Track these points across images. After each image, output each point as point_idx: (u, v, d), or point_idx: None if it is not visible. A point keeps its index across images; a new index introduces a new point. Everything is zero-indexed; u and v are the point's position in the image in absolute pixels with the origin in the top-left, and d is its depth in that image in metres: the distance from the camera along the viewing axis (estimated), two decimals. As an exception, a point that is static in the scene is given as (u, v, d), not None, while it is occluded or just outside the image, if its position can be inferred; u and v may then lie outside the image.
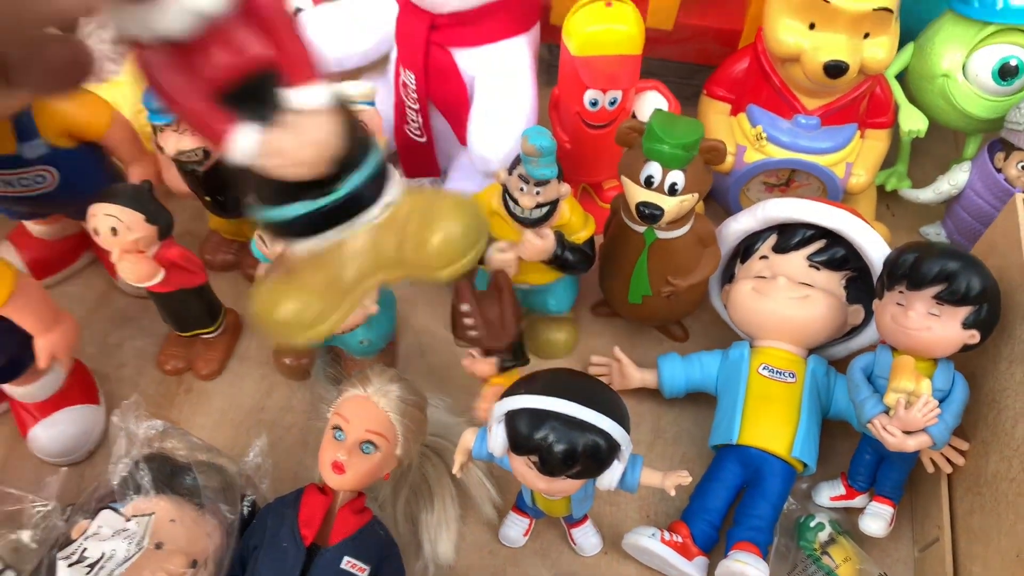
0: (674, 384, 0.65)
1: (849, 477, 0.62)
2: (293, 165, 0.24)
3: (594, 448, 0.47)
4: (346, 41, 0.72)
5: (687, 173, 0.56)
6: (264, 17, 0.24)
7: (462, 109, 0.69)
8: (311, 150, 0.23)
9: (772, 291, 0.62)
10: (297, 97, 0.24)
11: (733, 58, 0.73)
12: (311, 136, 0.23)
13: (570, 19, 0.64)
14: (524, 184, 0.57)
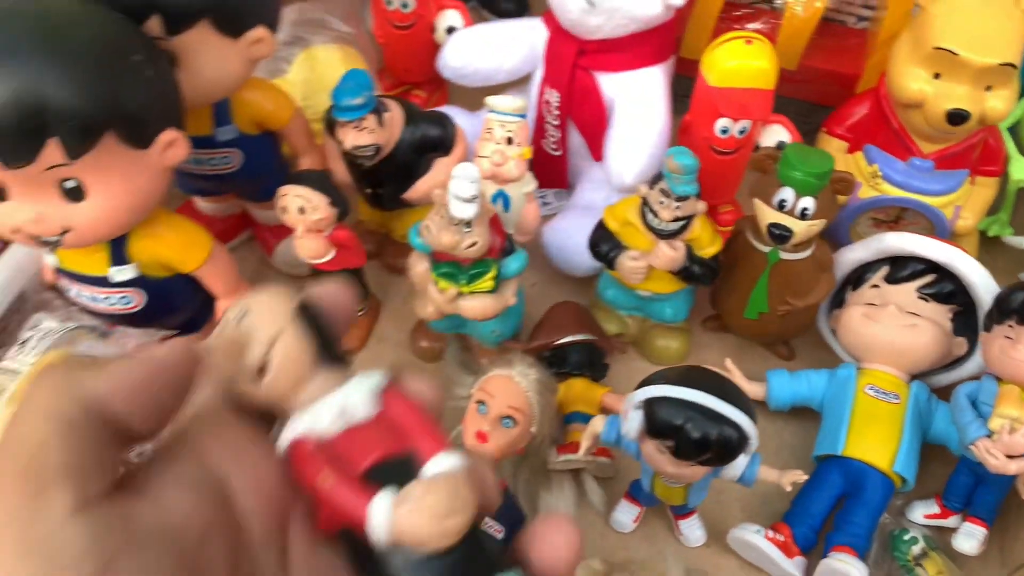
0: (781, 398, 0.70)
1: (944, 497, 0.65)
2: (426, 532, 0.22)
3: (727, 439, 0.52)
4: (495, 59, 0.78)
5: (818, 200, 0.61)
6: (401, 415, 0.25)
7: (599, 128, 0.75)
8: (439, 510, 0.22)
9: (882, 317, 0.67)
10: (432, 468, 0.23)
11: (854, 100, 0.78)
12: (433, 500, 0.22)
13: (711, 52, 0.69)
14: (664, 198, 0.63)
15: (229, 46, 0.59)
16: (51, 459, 0.19)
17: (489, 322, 0.69)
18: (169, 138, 0.53)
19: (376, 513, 0.22)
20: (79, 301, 0.61)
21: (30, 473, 0.19)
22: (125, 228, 0.55)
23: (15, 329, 0.69)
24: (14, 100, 0.46)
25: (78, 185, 0.51)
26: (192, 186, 0.74)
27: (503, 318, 0.69)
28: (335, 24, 0.83)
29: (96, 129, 0.49)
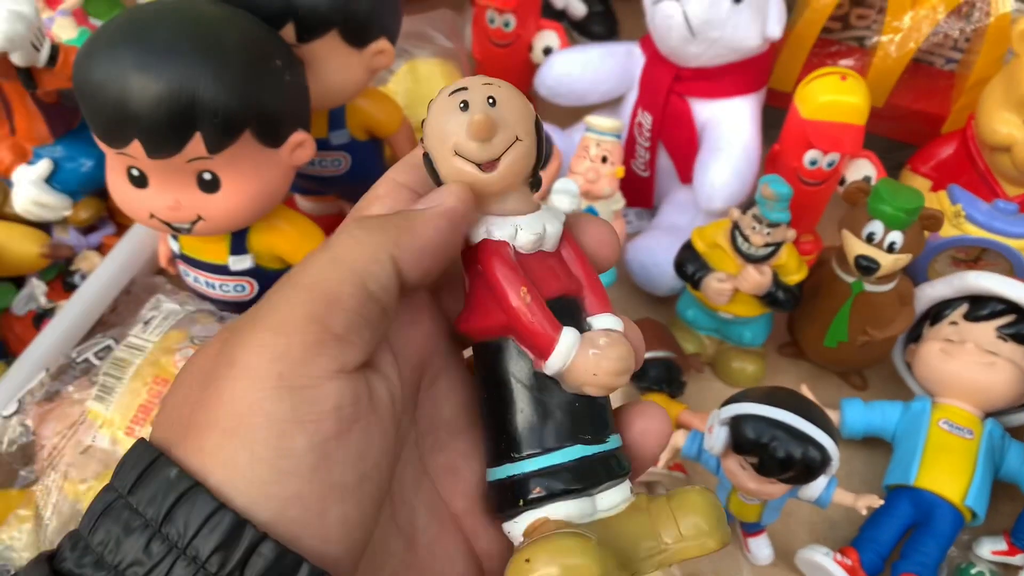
0: (855, 426, 0.71)
1: (1013, 535, 0.66)
2: (603, 380, 0.24)
3: (811, 459, 0.54)
4: (591, 81, 0.81)
5: (906, 235, 0.63)
6: (574, 260, 0.27)
7: (690, 152, 0.77)
8: (619, 365, 0.24)
9: (960, 354, 0.68)
10: (600, 322, 0.26)
11: (940, 140, 0.80)
12: (617, 353, 0.24)
13: (806, 86, 0.72)
14: (756, 224, 0.65)
15: (353, 56, 0.63)
16: (337, 318, 0.21)
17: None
18: (299, 139, 0.57)
19: (563, 344, 0.24)
20: (196, 287, 0.64)
21: (314, 323, 0.21)
22: (251, 220, 0.58)
23: (123, 311, 0.74)
24: (169, 94, 0.50)
25: (215, 177, 0.55)
26: (297, 185, 0.78)
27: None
28: (438, 39, 0.87)
29: (237, 126, 0.53)
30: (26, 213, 0.71)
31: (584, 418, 0.25)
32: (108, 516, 0.20)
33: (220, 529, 0.19)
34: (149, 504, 0.20)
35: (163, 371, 0.57)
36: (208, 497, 0.19)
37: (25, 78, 0.66)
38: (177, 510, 0.19)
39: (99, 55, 0.51)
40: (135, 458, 0.21)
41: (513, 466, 0.25)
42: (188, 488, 0.20)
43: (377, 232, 0.23)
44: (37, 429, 0.58)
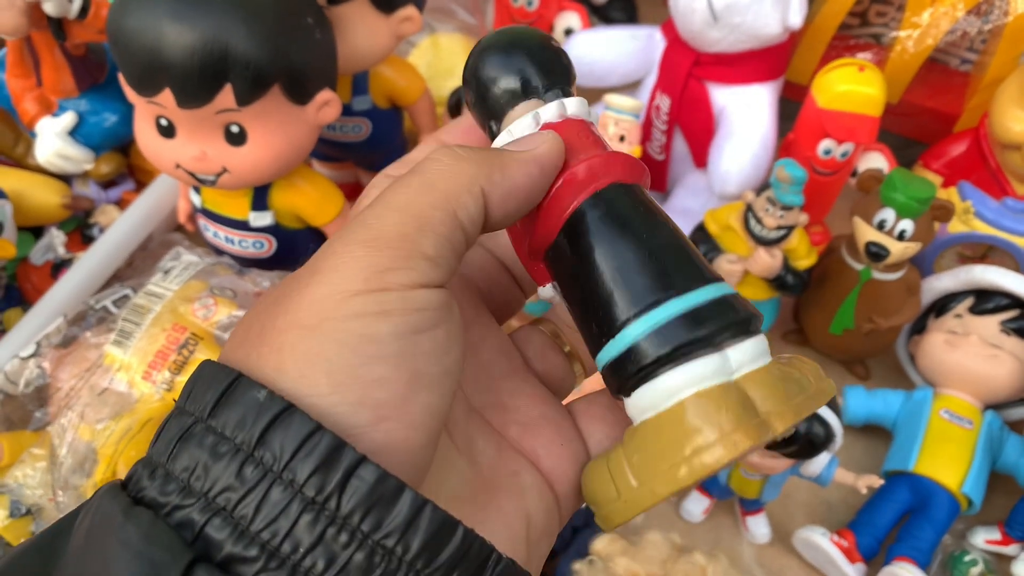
0: (857, 413, 0.72)
1: (1007, 525, 0.67)
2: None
3: (815, 434, 0.55)
4: (611, 62, 0.82)
5: (917, 224, 0.64)
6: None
7: (706, 136, 0.78)
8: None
9: (963, 345, 0.69)
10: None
11: (953, 138, 0.81)
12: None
13: (824, 76, 0.72)
14: (770, 206, 0.66)
15: (381, 21, 0.64)
16: (428, 239, 0.21)
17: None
18: (325, 98, 0.58)
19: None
20: (215, 242, 0.65)
21: (404, 241, 0.21)
22: (275, 176, 0.59)
23: (140, 265, 0.75)
24: (202, 45, 0.51)
25: (242, 130, 0.56)
26: (317, 150, 0.78)
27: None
28: (461, 14, 0.88)
29: (267, 80, 0.54)
30: (48, 165, 0.72)
31: (693, 257, 0.24)
32: (189, 441, 0.19)
33: (318, 451, 0.18)
34: (237, 427, 0.19)
35: (181, 319, 0.58)
36: (305, 418, 0.19)
37: (56, 29, 0.67)
38: (271, 433, 0.19)
39: (135, 3, 0.52)
40: (208, 379, 0.20)
41: (627, 331, 0.23)
42: (282, 410, 0.19)
43: (472, 163, 0.23)
44: (53, 372, 0.59)
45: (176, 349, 0.56)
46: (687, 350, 0.22)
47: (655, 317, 0.22)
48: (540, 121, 0.25)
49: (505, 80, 0.26)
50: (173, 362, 0.56)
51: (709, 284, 0.23)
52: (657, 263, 0.23)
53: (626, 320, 0.23)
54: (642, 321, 0.22)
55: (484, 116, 0.26)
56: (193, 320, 0.58)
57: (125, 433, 0.55)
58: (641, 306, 0.23)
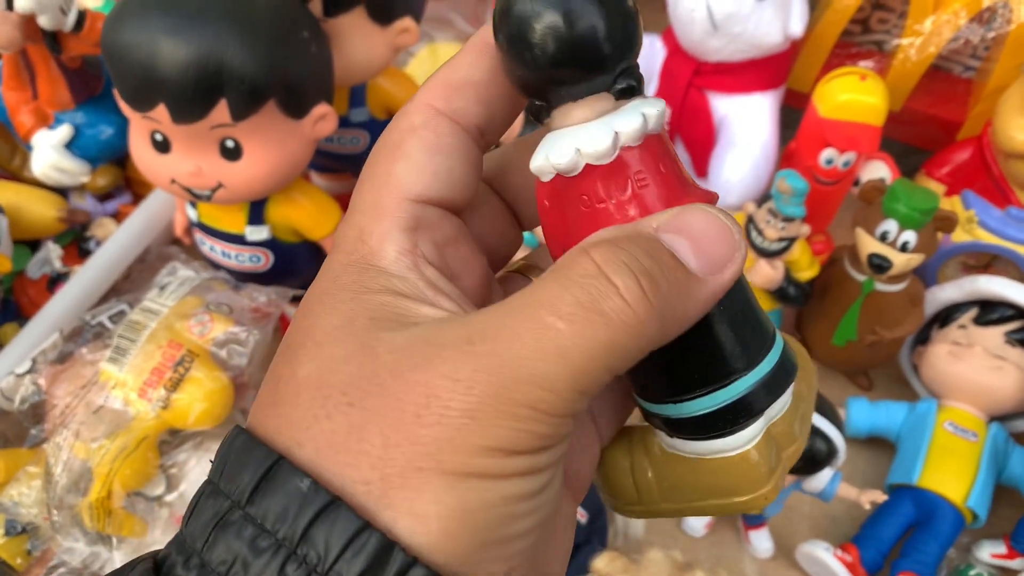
0: (860, 425, 0.72)
1: (1013, 539, 0.67)
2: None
3: (817, 450, 0.54)
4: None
5: (920, 235, 0.64)
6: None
7: (706, 146, 0.78)
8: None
9: (967, 357, 0.69)
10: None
11: (956, 146, 0.80)
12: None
13: (825, 85, 0.72)
14: (771, 217, 0.65)
15: (378, 33, 0.63)
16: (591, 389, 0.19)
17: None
18: (321, 112, 0.57)
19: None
20: (211, 256, 0.65)
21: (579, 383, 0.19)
22: (271, 191, 0.59)
23: (137, 279, 0.74)
24: (196, 60, 0.50)
25: (237, 145, 0.55)
26: (314, 162, 0.78)
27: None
28: (459, 23, 0.87)
29: (262, 95, 0.53)
30: (44, 177, 0.71)
31: (761, 315, 0.23)
32: (227, 530, 0.18)
33: (366, 552, 0.17)
34: (279, 520, 0.18)
35: (177, 335, 0.57)
36: (351, 514, 0.17)
37: (51, 42, 0.67)
38: (315, 528, 0.17)
39: (129, 18, 0.52)
40: (243, 456, 0.19)
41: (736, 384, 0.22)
42: (327, 503, 0.18)
43: (654, 329, 0.20)
44: (49, 388, 0.58)
45: (172, 366, 0.56)
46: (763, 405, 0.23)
47: (761, 371, 0.22)
48: (619, 143, 0.20)
49: (565, 45, 0.20)
50: (169, 379, 0.55)
51: (777, 334, 0.24)
52: (755, 315, 0.23)
53: (738, 372, 0.22)
54: (752, 375, 0.22)
55: (522, 84, 0.21)
56: (189, 337, 0.57)
57: (120, 452, 0.54)
58: (750, 361, 0.22)
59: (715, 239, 0.20)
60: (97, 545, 0.55)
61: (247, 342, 0.58)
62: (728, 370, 0.22)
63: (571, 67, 0.20)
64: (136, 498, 0.56)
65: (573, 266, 0.19)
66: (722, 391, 0.22)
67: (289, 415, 0.19)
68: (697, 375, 0.22)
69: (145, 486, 0.57)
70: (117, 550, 0.55)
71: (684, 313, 0.20)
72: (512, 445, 0.18)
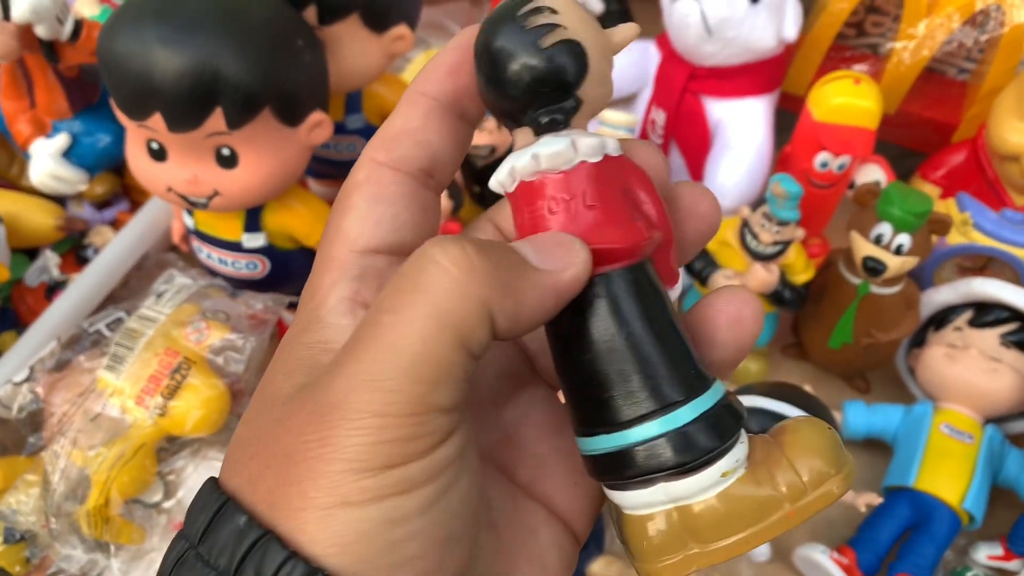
0: (857, 427, 0.72)
1: (1010, 541, 0.67)
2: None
3: (812, 452, 0.54)
4: (606, 76, 0.82)
5: (914, 238, 0.64)
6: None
7: (702, 150, 0.78)
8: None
9: (963, 359, 0.69)
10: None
11: (951, 148, 0.81)
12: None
13: (819, 88, 0.72)
14: (766, 221, 0.65)
15: (373, 40, 0.63)
16: (444, 393, 0.19)
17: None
18: (317, 119, 0.58)
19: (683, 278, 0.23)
20: (208, 263, 0.65)
21: (421, 400, 0.19)
22: (267, 198, 0.59)
23: (135, 286, 0.74)
24: (191, 69, 0.51)
25: (233, 153, 0.55)
26: (312, 168, 0.78)
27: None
28: (454, 29, 0.88)
29: (257, 103, 0.54)
30: (42, 186, 0.71)
31: (690, 358, 0.22)
32: (182, 568, 0.20)
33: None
34: (220, 555, 0.19)
35: (174, 343, 0.57)
36: (279, 547, 0.19)
37: (48, 51, 0.67)
38: (248, 561, 0.19)
39: (124, 28, 0.52)
40: (204, 503, 0.21)
41: (617, 436, 0.21)
42: (259, 537, 0.19)
43: (482, 283, 0.19)
44: (47, 397, 0.59)
45: (169, 374, 0.56)
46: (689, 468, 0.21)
47: (647, 432, 0.21)
48: (576, 159, 0.21)
49: (528, 70, 0.21)
50: (166, 387, 0.56)
51: (715, 382, 0.22)
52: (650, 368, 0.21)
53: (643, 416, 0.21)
54: (662, 422, 0.21)
55: (496, 108, 0.23)
56: (186, 344, 0.57)
57: (118, 459, 0.54)
58: (661, 405, 0.21)
59: (553, 244, 0.21)
60: (95, 552, 0.55)
61: (244, 349, 0.58)
62: (611, 416, 0.21)
63: (542, 107, 0.22)
64: (134, 505, 0.57)
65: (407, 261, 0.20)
66: (607, 436, 0.22)
67: (231, 460, 0.22)
68: (585, 410, 0.22)
69: (143, 493, 0.57)
70: (115, 557, 0.55)
71: (525, 293, 0.20)
72: (370, 461, 0.19)
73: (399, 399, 0.19)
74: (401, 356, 0.19)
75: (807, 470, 0.21)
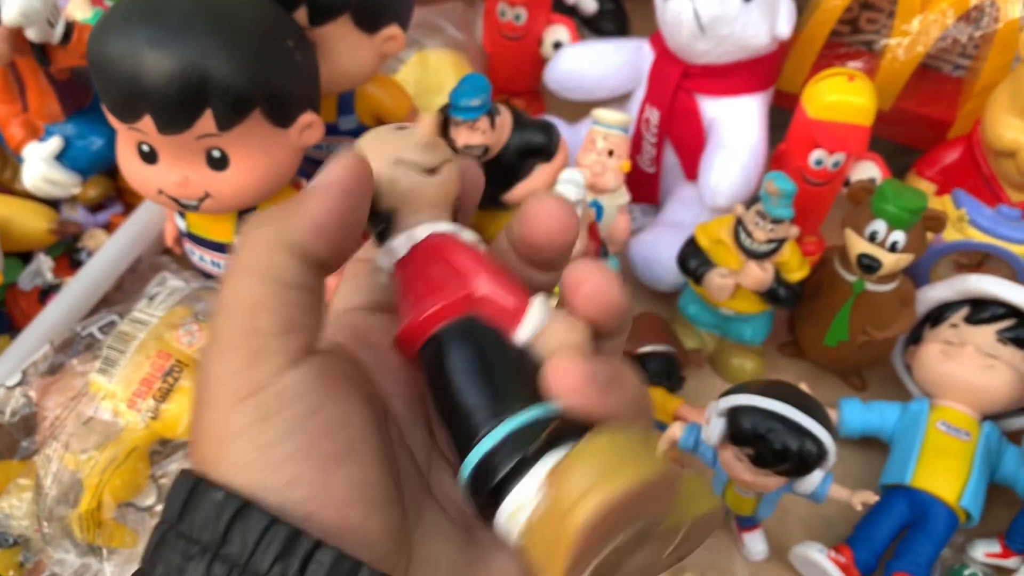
0: (853, 425, 0.72)
1: (1007, 538, 0.67)
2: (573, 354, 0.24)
3: (807, 451, 0.54)
4: (600, 75, 0.82)
5: (909, 235, 0.64)
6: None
7: (696, 148, 0.78)
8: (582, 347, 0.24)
9: (959, 356, 0.69)
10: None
11: (946, 145, 0.80)
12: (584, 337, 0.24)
13: (813, 86, 0.72)
14: (760, 219, 0.65)
15: (364, 41, 0.63)
16: (266, 322, 0.22)
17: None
18: (308, 120, 0.57)
19: (534, 313, 0.23)
20: (201, 265, 0.65)
21: (248, 335, 0.21)
22: (259, 199, 0.59)
23: (129, 289, 0.74)
24: (181, 71, 0.51)
25: (223, 155, 0.55)
26: (305, 170, 0.78)
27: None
28: (448, 30, 0.88)
29: (248, 105, 0.53)
30: (35, 189, 0.71)
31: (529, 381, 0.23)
32: (164, 547, 0.21)
33: (277, 541, 0.20)
34: (203, 529, 0.20)
35: (166, 345, 0.57)
36: (260, 513, 0.20)
37: (39, 54, 0.67)
38: (233, 530, 0.20)
39: (113, 30, 0.52)
40: (177, 487, 0.21)
41: (473, 452, 0.23)
42: (240, 506, 0.20)
43: (267, 224, 0.22)
44: (39, 401, 0.58)
45: (161, 376, 0.56)
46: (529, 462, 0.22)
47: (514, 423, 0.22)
48: (394, 259, 0.25)
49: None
50: (158, 389, 0.55)
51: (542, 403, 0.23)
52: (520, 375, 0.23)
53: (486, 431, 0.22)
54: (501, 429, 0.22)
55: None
56: (178, 347, 0.57)
57: (110, 463, 0.54)
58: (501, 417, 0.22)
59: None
60: (88, 556, 0.55)
61: (236, 351, 0.58)
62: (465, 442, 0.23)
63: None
64: (127, 509, 0.56)
65: None
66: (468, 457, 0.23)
67: (195, 446, 0.23)
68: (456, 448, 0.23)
69: (136, 497, 0.57)
70: (108, 561, 0.55)
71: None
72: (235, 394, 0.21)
73: (226, 338, 0.22)
74: (221, 311, 0.22)
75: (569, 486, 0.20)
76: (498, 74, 0.90)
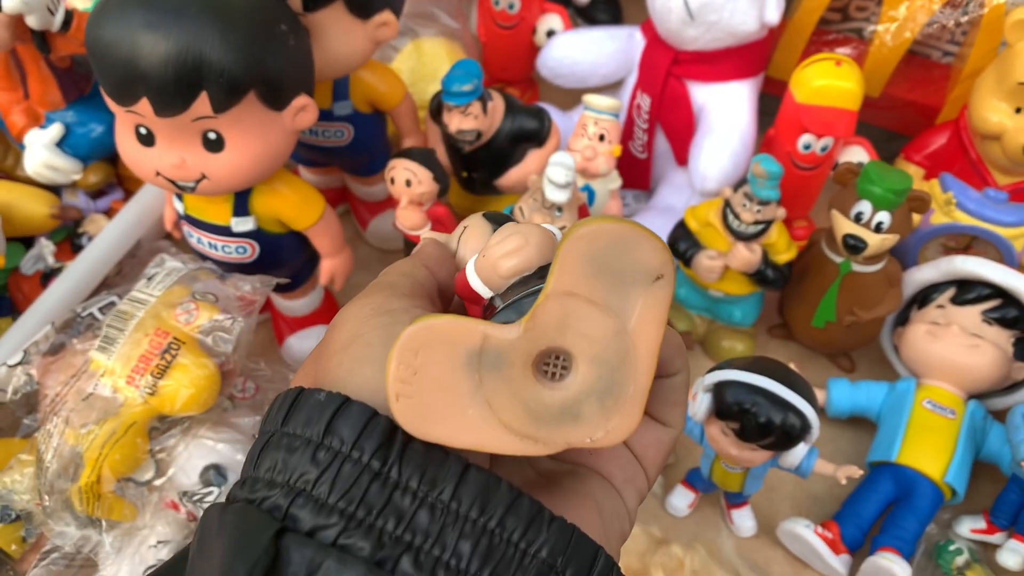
0: (841, 405, 0.73)
1: (992, 514, 0.68)
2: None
3: (791, 425, 0.55)
4: (592, 62, 0.83)
5: (894, 216, 0.65)
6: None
7: (687, 134, 0.79)
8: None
9: (945, 336, 0.70)
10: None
11: (934, 130, 0.81)
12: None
13: (801, 71, 0.73)
14: (747, 201, 0.66)
15: (358, 26, 0.64)
16: (400, 288, 0.27)
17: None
18: (301, 103, 0.59)
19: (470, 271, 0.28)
20: (199, 248, 0.66)
21: (389, 288, 0.27)
22: (254, 181, 0.60)
23: (129, 273, 0.76)
24: (177, 54, 0.52)
25: (219, 137, 0.56)
26: (301, 156, 0.79)
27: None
28: (443, 18, 0.89)
29: (242, 87, 0.55)
30: (37, 176, 0.73)
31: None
32: (268, 448, 0.23)
33: (378, 432, 0.22)
34: (306, 426, 0.23)
35: (164, 324, 0.58)
36: (363, 406, 0.22)
37: (40, 42, 0.68)
38: (336, 423, 0.22)
39: (110, 15, 0.53)
40: (279, 403, 0.24)
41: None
42: (341, 403, 0.22)
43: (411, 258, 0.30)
44: (41, 379, 0.60)
45: (159, 354, 0.57)
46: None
47: None
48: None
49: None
50: (156, 366, 0.57)
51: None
52: None
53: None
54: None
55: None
56: (175, 324, 0.59)
57: (109, 437, 0.55)
58: None
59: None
60: (87, 528, 0.56)
61: (232, 329, 0.59)
62: None
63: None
64: (126, 483, 0.58)
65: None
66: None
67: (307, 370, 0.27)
68: None
69: (135, 471, 0.58)
70: (107, 533, 0.57)
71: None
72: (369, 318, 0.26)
73: (374, 291, 0.27)
74: (372, 287, 0.28)
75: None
76: (492, 63, 0.92)
